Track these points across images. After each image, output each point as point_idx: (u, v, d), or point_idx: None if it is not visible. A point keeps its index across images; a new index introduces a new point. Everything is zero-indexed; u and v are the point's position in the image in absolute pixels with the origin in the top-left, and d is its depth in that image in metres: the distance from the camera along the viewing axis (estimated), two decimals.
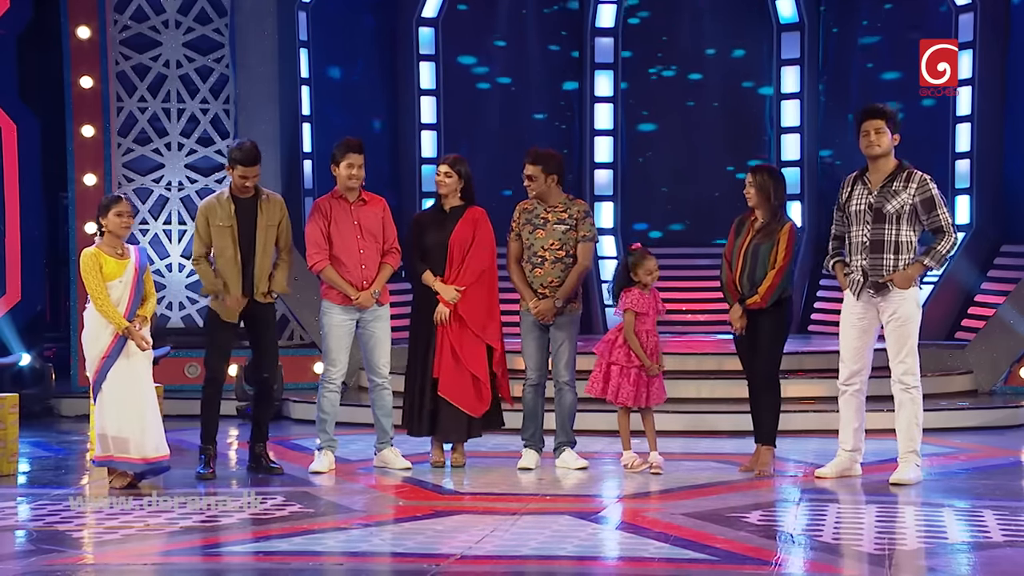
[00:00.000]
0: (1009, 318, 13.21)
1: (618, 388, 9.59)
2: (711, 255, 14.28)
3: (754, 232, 9.44)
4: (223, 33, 14.11)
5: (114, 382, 9.03)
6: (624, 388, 9.58)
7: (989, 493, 8.88)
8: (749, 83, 16.44)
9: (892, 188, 9.08)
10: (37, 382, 13.30)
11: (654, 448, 9.68)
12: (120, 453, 9.03)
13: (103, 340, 9.04)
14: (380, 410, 9.86)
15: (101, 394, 9.06)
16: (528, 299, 9.70)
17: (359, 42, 15.52)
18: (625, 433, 9.73)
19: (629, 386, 9.58)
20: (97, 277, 9.02)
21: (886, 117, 9.13)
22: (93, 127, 13.90)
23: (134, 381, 9.06)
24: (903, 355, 9.12)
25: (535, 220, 9.76)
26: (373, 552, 7.31)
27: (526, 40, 16.37)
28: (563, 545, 7.32)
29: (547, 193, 9.75)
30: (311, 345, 13.74)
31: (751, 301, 9.35)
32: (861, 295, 9.19)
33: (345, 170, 9.67)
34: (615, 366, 9.61)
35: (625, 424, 9.73)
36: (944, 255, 9.10)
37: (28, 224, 13.68)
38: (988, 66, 14.84)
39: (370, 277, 9.72)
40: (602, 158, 16.61)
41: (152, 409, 9.11)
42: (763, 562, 6.95)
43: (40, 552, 7.23)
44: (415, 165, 15.91)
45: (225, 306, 9.55)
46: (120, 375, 9.04)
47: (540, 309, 9.64)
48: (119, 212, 9.07)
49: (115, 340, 9.03)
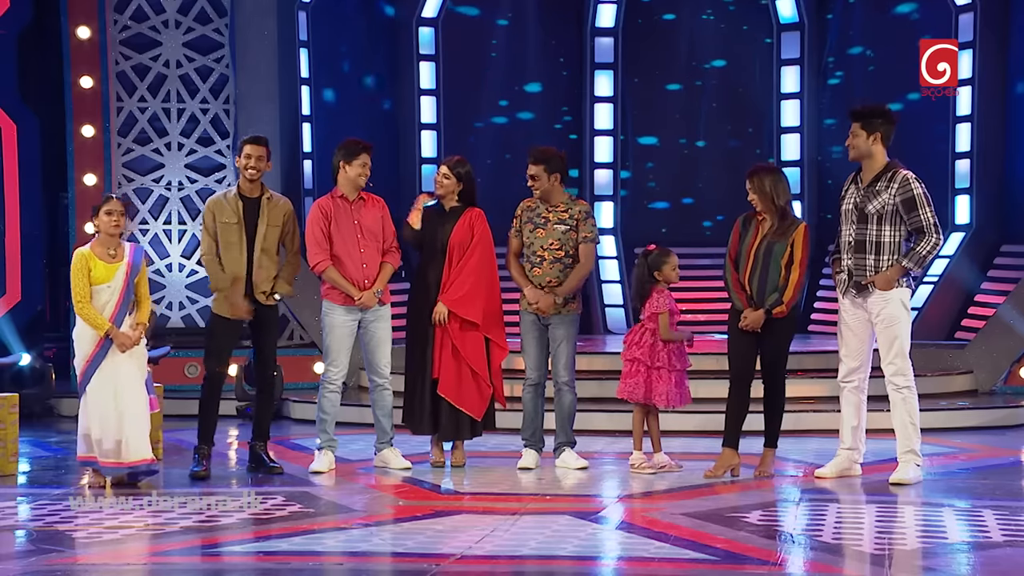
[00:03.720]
0: (1009, 318, 13.22)
1: (666, 393, 9.54)
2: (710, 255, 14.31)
3: (764, 232, 9.36)
4: (223, 33, 14.11)
5: (98, 385, 9.02)
6: (672, 392, 9.56)
7: (989, 493, 8.89)
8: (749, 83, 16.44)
9: (875, 188, 9.09)
10: (37, 382, 13.29)
11: (659, 449, 9.68)
12: (103, 457, 9.02)
13: (91, 340, 9.03)
14: (380, 410, 9.86)
15: (85, 396, 9.06)
16: (528, 291, 9.68)
17: (359, 42, 15.52)
18: (639, 433, 9.71)
19: (674, 388, 9.57)
20: (83, 279, 8.99)
21: (861, 119, 9.13)
22: (93, 127, 13.90)
23: (119, 384, 9.02)
24: (892, 356, 9.13)
25: (536, 219, 9.76)
26: (373, 552, 7.31)
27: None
28: (563, 545, 7.32)
29: (551, 192, 9.74)
30: (311, 345, 13.74)
31: (778, 311, 9.26)
32: (846, 294, 9.21)
33: (359, 169, 9.68)
34: (660, 370, 9.55)
35: (640, 424, 9.71)
36: (924, 256, 9.06)
37: (28, 224, 13.69)
38: (988, 66, 14.84)
39: (371, 277, 9.72)
40: (602, 158, 16.62)
41: (136, 413, 9.04)
42: (763, 562, 6.95)
43: (40, 552, 7.23)
44: (415, 165, 15.92)
45: (230, 303, 9.53)
46: (105, 378, 9.02)
47: (540, 304, 9.64)
48: (109, 211, 9.04)
49: (100, 342, 9.02)
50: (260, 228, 9.57)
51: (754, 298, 9.34)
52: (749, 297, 9.36)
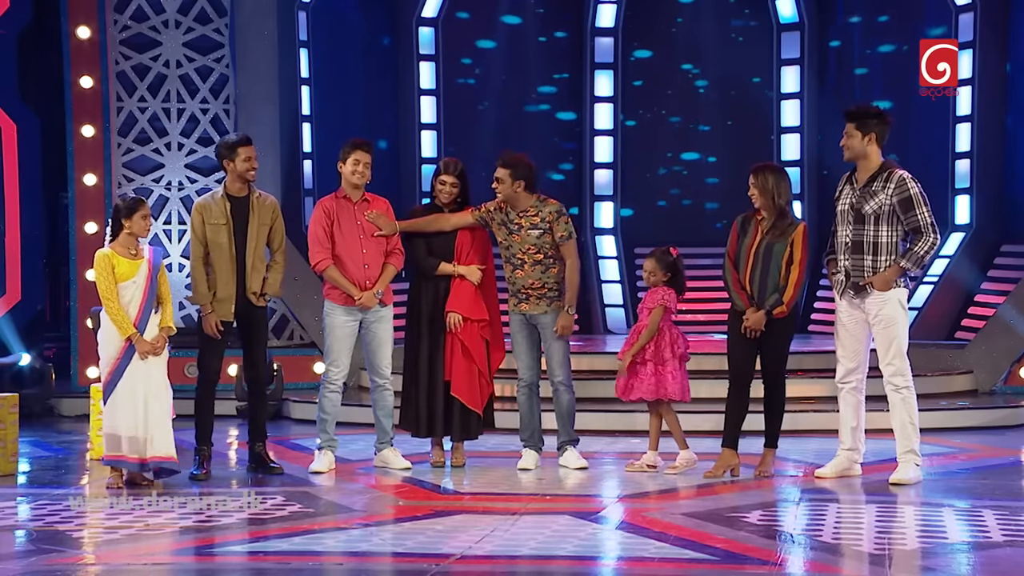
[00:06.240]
0: (1009, 318, 13.22)
1: (679, 385, 9.56)
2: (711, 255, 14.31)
3: (763, 232, 9.36)
4: (223, 33, 14.10)
5: (128, 383, 9.06)
6: (684, 384, 9.58)
7: (989, 493, 8.89)
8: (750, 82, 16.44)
9: (872, 189, 9.09)
10: (37, 382, 13.29)
11: (684, 446, 9.67)
12: (132, 454, 9.05)
13: (118, 340, 9.07)
14: (381, 410, 9.86)
15: (115, 394, 9.07)
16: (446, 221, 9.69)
17: (359, 42, 15.52)
18: (656, 433, 9.70)
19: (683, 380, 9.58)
20: (109, 279, 9.04)
21: (855, 119, 9.13)
22: (93, 127, 13.89)
23: (149, 382, 9.09)
24: (891, 357, 9.13)
25: (509, 224, 9.73)
26: (373, 552, 7.31)
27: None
28: (563, 545, 7.32)
29: (514, 199, 9.70)
30: (311, 345, 13.74)
31: (778, 311, 9.27)
32: (844, 295, 9.21)
33: (351, 166, 9.68)
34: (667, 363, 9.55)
35: (658, 425, 9.70)
36: (922, 256, 9.06)
37: (28, 224, 13.69)
38: (988, 66, 14.84)
39: (372, 277, 9.72)
40: (602, 158, 16.62)
41: (164, 411, 9.12)
42: (763, 562, 6.95)
43: (40, 552, 7.23)
44: (415, 165, 15.92)
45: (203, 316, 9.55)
46: (135, 376, 9.06)
47: (560, 326, 9.64)
48: (145, 215, 9.15)
49: (125, 348, 9.07)
50: (252, 227, 9.58)
51: (754, 298, 9.34)
52: (750, 297, 9.36)
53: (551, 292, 9.71)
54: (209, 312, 9.54)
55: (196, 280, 9.63)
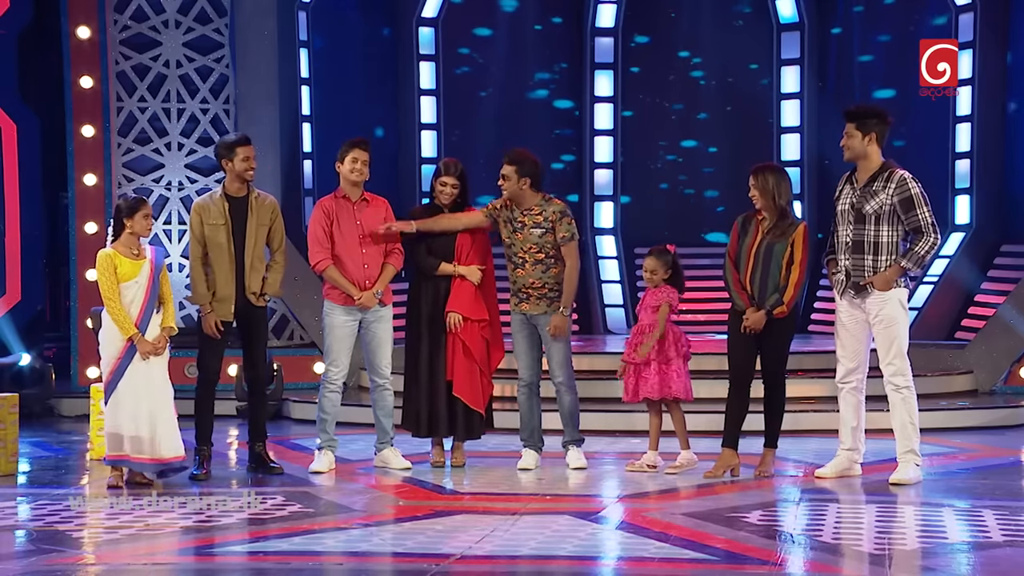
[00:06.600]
0: (1009, 318, 13.22)
1: (684, 384, 9.58)
2: (711, 255, 14.31)
3: (764, 232, 9.36)
4: (223, 33, 14.11)
5: (130, 382, 9.06)
6: (687, 383, 9.60)
7: (989, 493, 8.89)
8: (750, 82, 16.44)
9: (872, 188, 9.09)
10: (37, 382, 13.29)
11: (686, 446, 9.67)
12: (135, 453, 9.05)
13: (119, 340, 9.07)
14: (381, 410, 9.86)
15: (116, 393, 9.07)
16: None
17: (359, 42, 15.52)
18: (656, 433, 9.71)
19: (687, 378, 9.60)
20: (111, 279, 9.04)
21: (856, 119, 9.13)
22: (93, 127, 13.89)
23: (150, 382, 9.09)
24: (891, 357, 9.13)
25: (513, 223, 9.74)
26: (373, 552, 7.31)
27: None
28: (563, 545, 7.33)
29: (520, 196, 9.70)
30: (311, 345, 13.74)
31: (779, 311, 9.27)
32: (844, 295, 9.21)
33: (349, 164, 9.68)
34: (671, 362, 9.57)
35: (658, 424, 9.71)
36: (923, 256, 9.06)
37: (28, 224, 13.69)
38: (988, 66, 14.84)
39: (372, 277, 9.72)
40: (602, 158, 16.62)
41: (167, 410, 9.13)
42: (763, 562, 6.95)
43: (40, 552, 7.23)
44: (415, 165, 15.92)
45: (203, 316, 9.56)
46: (136, 375, 9.07)
47: (553, 326, 9.63)
48: (147, 215, 9.16)
49: (126, 348, 9.07)
50: (251, 227, 9.58)
51: (755, 298, 9.34)
52: (750, 297, 9.36)
53: (551, 292, 9.71)
54: (208, 312, 9.54)
55: (195, 280, 9.64)
